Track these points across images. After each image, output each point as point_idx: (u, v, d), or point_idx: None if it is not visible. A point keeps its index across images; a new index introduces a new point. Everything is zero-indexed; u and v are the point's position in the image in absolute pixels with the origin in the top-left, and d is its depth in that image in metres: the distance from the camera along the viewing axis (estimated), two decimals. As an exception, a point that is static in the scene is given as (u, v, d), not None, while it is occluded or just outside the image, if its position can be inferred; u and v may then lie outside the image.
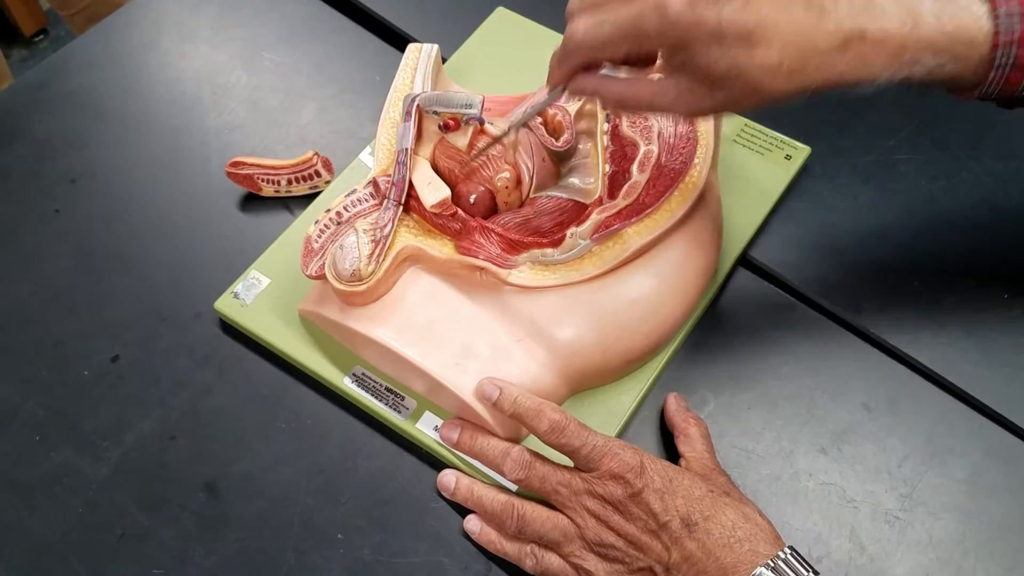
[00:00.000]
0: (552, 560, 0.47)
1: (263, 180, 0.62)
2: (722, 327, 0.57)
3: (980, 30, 0.43)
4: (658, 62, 0.45)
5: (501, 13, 0.71)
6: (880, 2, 0.42)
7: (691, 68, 0.42)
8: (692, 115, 0.48)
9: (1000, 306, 0.57)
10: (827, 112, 0.66)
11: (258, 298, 0.57)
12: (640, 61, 0.45)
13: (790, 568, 0.43)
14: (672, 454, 0.51)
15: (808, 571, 0.43)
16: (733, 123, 0.64)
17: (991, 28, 0.43)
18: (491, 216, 0.54)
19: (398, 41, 0.72)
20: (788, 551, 0.43)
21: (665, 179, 0.53)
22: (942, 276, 0.58)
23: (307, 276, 0.52)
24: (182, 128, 0.68)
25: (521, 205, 0.54)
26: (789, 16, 0.41)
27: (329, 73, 0.71)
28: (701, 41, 0.41)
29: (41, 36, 1.91)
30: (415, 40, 0.68)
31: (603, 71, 0.46)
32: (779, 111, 0.65)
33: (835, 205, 0.62)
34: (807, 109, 0.65)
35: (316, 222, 0.54)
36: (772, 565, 0.42)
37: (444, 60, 0.69)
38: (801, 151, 0.62)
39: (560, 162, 0.57)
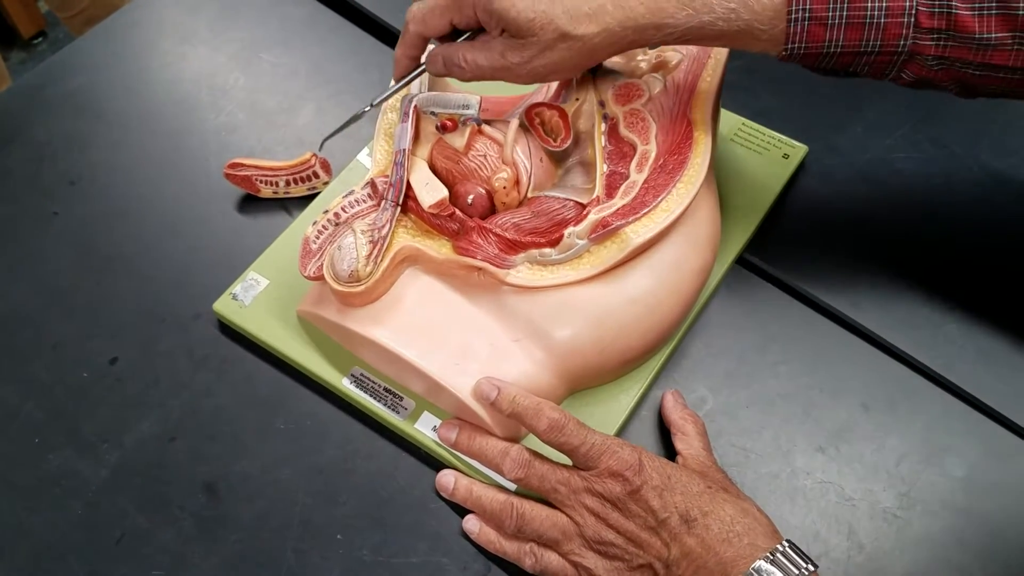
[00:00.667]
0: (551, 559, 0.48)
1: (261, 181, 0.63)
2: (720, 326, 0.57)
3: None
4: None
5: (498, 13, 0.71)
6: None
7: (505, 24, 0.48)
8: (524, 75, 0.50)
9: (998, 304, 0.57)
10: (824, 111, 0.66)
11: (257, 299, 0.57)
12: (472, 34, 0.52)
13: (789, 560, 0.43)
14: (671, 452, 0.52)
15: (807, 563, 0.43)
16: (731, 122, 0.64)
17: None
18: (489, 216, 0.54)
19: (395, 41, 0.72)
20: (786, 544, 0.43)
21: (662, 178, 0.53)
22: (940, 275, 0.58)
23: (305, 277, 0.52)
24: (181, 130, 0.69)
25: (519, 205, 0.54)
26: None
27: (327, 74, 0.71)
28: None
29: (40, 38, 1.91)
30: (413, 41, 0.68)
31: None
32: (777, 110, 0.65)
33: (832, 204, 0.62)
34: (805, 108, 0.66)
35: (314, 223, 0.54)
36: (771, 558, 0.43)
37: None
38: (798, 150, 0.62)
39: (558, 162, 0.57)
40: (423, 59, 0.54)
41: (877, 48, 0.46)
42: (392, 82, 0.55)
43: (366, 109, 0.55)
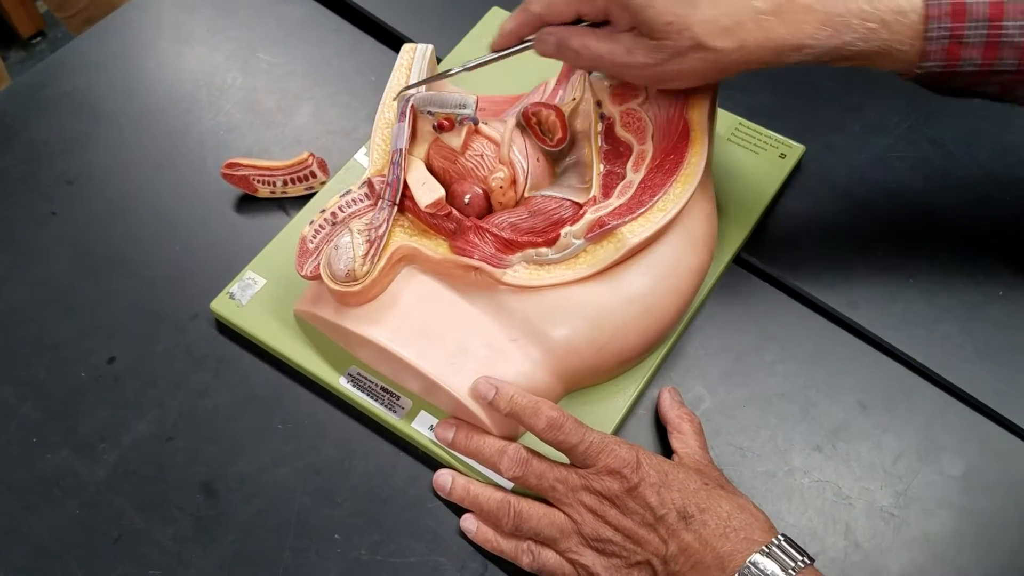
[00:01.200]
0: (549, 557, 0.48)
1: (259, 181, 0.63)
2: (717, 325, 0.57)
3: (908, 1, 0.46)
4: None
5: (496, 13, 0.71)
6: None
7: (639, 22, 0.47)
8: (647, 76, 0.50)
9: (995, 303, 0.57)
10: (822, 111, 0.66)
11: (254, 299, 0.57)
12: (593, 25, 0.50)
13: (784, 553, 0.43)
14: (668, 451, 0.52)
15: (802, 556, 0.43)
16: (727, 122, 0.64)
17: (921, 3, 0.46)
18: (486, 216, 0.54)
19: (393, 41, 0.72)
20: (782, 538, 0.44)
21: (659, 178, 0.53)
22: (937, 273, 0.58)
23: (302, 276, 0.52)
24: (178, 130, 0.69)
25: (516, 205, 0.54)
26: None
27: (324, 74, 0.71)
28: None
29: (39, 38, 1.91)
30: (410, 40, 0.68)
31: None
32: (774, 109, 0.65)
33: (829, 203, 0.62)
34: (802, 108, 0.66)
35: (311, 222, 0.54)
36: (767, 551, 0.43)
37: (439, 60, 0.69)
38: (795, 150, 0.62)
39: (555, 162, 0.57)
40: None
41: (1012, 67, 0.46)
42: (488, 51, 0.53)
43: (457, 70, 0.54)
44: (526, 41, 0.52)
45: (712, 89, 0.56)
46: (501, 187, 0.53)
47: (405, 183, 0.53)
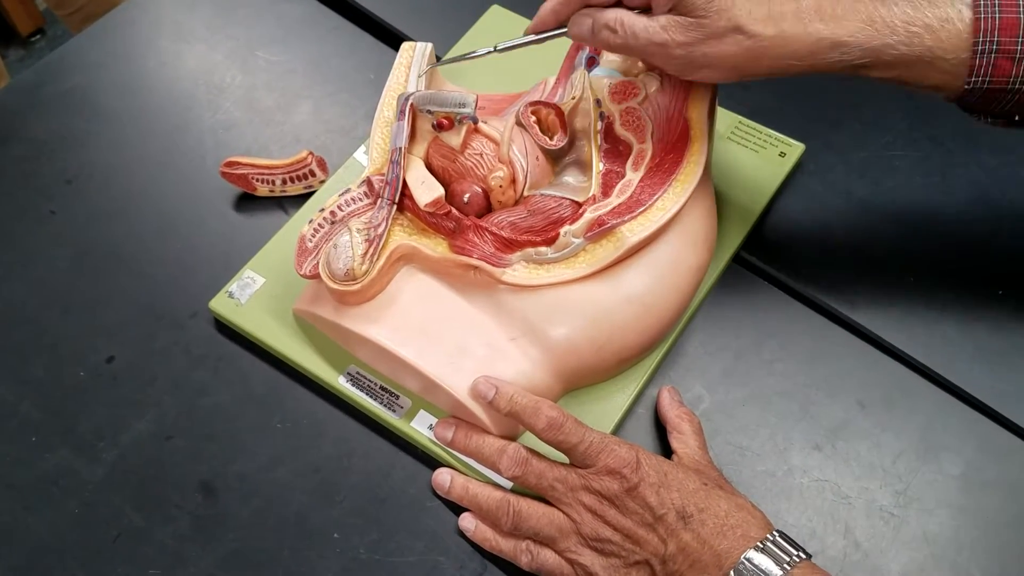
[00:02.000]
0: (548, 556, 0.48)
1: (258, 180, 0.62)
2: (716, 324, 0.57)
3: (956, 11, 0.45)
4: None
5: (495, 11, 0.71)
6: None
7: (681, 3, 0.47)
8: (679, 59, 0.49)
9: (994, 302, 0.57)
10: (821, 109, 0.66)
11: (253, 298, 0.57)
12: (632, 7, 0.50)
13: (779, 548, 0.43)
14: (667, 450, 0.52)
15: (797, 551, 0.43)
16: (727, 121, 0.64)
17: (970, 15, 0.45)
18: (485, 215, 0.54)
19: (393, 40, 0.72)
20: (777, 534, 0.44)
21: (658, 177, 0.53)
22: (937, 272, 0.58)
23: (301, 275, 0.52)
24: (178, 128, 0.68)
25: (515, 204, 0.54)
26: None
27: (324, 72, 0.71)
28: None
29: (38, 36, 1.91)
30: (410, 39, 0.68)
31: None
32: (774, 108, 0.65)
33: (829, 202, 0.62)
34: (802, 106, 0.66)
35: (310, 221, 0.54)
36: (761, 547, 0.43)
37: (438, 59, 0.69)
38: (795, 148, 0.62)
39: (554, 161, 0.57)
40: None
41: None
42: (523, 33, 0.53)
43: (486, 51, 0.54)
44: (562, 26, 0.52)
45: (712, 88, 0.56)
46: (500, 186, 0.53)
47: (404, 182, 0.53)
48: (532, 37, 0.53)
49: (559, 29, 0.52)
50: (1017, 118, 0.48)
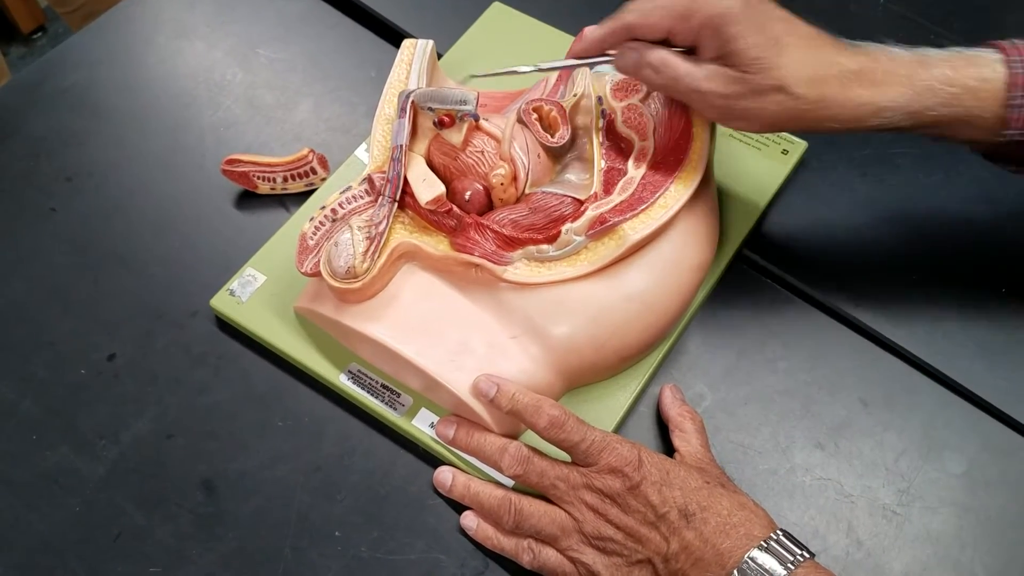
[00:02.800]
0: (550, 555, 0.47)
1: (259, 178, 0.62)
2: (719, 322, 0.57)
3: (992, 69, 0.46)
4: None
5: (497, 8, 0.71)
6: (891, 47, 0.48)
7: (727, 52, 0.47)
8: (718, 108, 0.49)
9: (997, 300, 0.57)
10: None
11: (254, 295, 0.57)
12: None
13: (782, 547, 0.43)
14: (669, 448, 0.51)
15: (801, 550, 0.43)
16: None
17: (1005, 71, 0.46)
18: (486, 212, 0.53)
19: (394, 37, 0.72)
20: (781, 533, 0.44)
21: (660, 175, 0.53)
22: (939, 270, 0.58)
23: (302, 273, 0.52)
24: (178, 125, 0.68)
25: (517, 201, 0.54)
26: (817, 39, 0.48)
27: (325, 69, 0.71)
28: (744, 27, 0.46)
29: (39, 33, 1.91)
30: (411, 36, 0.67)
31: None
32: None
33: (832, 200, 0.62)
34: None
35: (311, 219, 0.54)
36: (765, 546, 0.43)
37: (440, 55, 0.69)
38: (798, 146, 0.62)
39: (556, 158, 0.56)
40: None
41: None
42: (566, 55, 0.53)
43: (528, 70, 0.54)
44: (608, 53, 0.52)
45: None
46: (502, 184, 0.53)
47: (405, 179, 0.53)
48: (576, 61, 0.53)
49: (603, 57, 0.52)
50: None
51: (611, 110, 0.55)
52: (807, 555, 0.43)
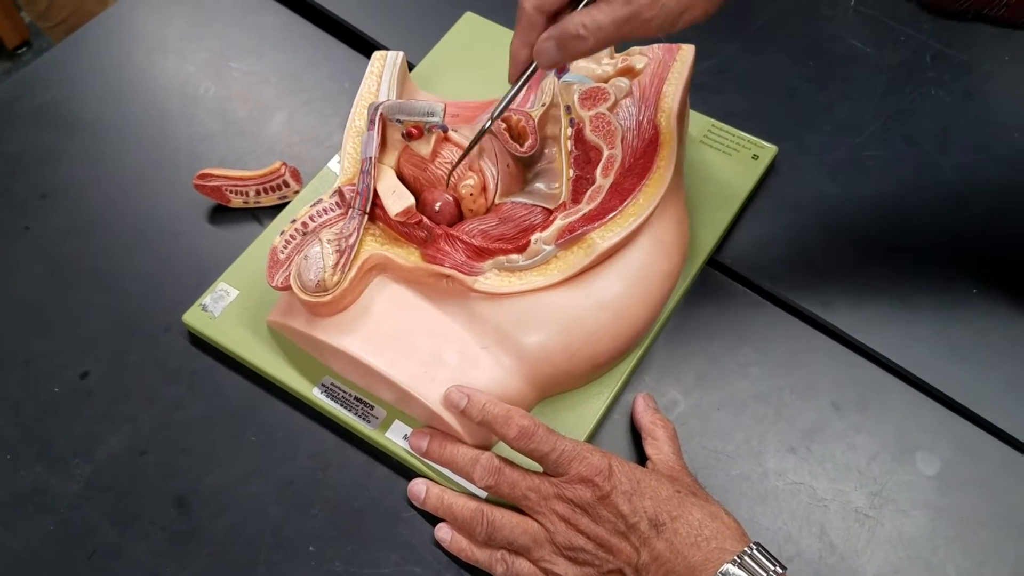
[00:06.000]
0: (523, 566, 0.47)
1: (231, 191, 0.62)
2: (691, 328, 0.57)
3: None
4: None
5: (469, 18, 0.71)
6: None
7: None
8: (658, 20, 0.45)
9: (968, 302, 0.57)
10: (794, 111, 0.66)
11: (226, 310, 0.57)
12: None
13: (756, 563, 0.43)
14: (642, 456, 0.51)
15: (775, 565, 0.43)
16: (700, 124, 0.64)
17: None
18: (456, 224, 0.54)
19: (367, 49, 0.72)
20: (754, 546, 0.43)
21: (628, 183, 0.53)
22: (910, 273, 0.58)
23: (273, 287, 0.52)
24: (152, 140, 0.68)
25: (486, 212, 0.54)
26: None
27: (298, 82, 0.71)
28: None
29: (24, 48, 1.90)
30: (384, 47, 0.68)
31: None
32: (746, 110, 0.65)
33: (802, 203, 0.62)
34: (774, 108, 0.66)
35: (282, 233, 0.54)
36: (738, 561, 0.43)
37: (413, 66, 0.69)
38: (768, 151, 0.62)
39: (525, 168, 0.57)
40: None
41: None
42: (509, 86, 0.51)
43: (487, 125, 0.52)
44: (532, 63, 0.49)
45: (683, 92, 0.56)
46: (471, 194, 0.53)
47: (375, 192, 0.53)
48: (514, 88, 0.50)
49: (532, 67, 0.49)
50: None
51: (579, 119, 0.55)
52: (780, 570, 0.43)
